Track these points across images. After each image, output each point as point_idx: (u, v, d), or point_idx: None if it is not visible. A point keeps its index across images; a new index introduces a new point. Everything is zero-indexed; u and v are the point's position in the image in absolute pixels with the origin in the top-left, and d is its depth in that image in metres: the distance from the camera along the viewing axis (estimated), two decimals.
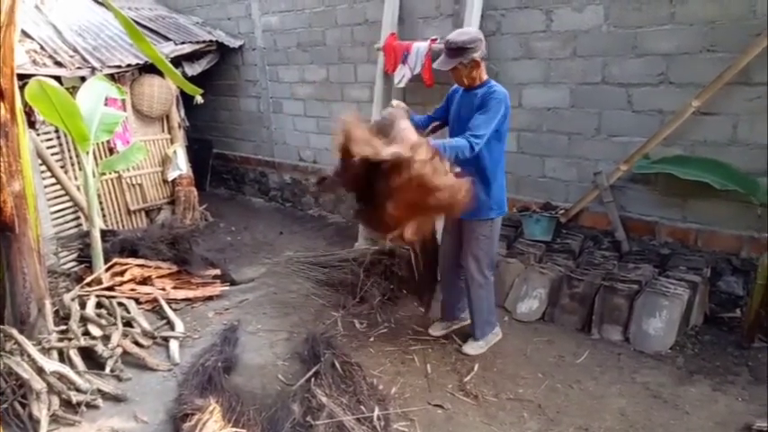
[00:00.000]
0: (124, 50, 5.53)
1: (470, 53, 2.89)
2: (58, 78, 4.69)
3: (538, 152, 4.26)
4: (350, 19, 5.37)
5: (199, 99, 5.21)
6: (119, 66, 5.29)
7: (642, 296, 3.37)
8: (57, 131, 4.89)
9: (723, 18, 3.27)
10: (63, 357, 3.15)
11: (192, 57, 6.25)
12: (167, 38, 6.06)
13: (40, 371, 2.87)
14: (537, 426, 2.76)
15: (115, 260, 4.17)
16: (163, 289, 4.10)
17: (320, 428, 2.54)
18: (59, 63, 4.92)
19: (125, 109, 5.33)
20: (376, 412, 2.69)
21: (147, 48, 3.81)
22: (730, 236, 3.50)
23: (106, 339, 3.35)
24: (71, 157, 5.03)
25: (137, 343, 3.45)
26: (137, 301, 3.89)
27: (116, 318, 3.57)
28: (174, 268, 4.34)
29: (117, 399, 2.98)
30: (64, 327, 3.39)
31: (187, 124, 6.34)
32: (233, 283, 4.46)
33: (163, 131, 5.98)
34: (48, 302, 3.37)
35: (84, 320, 3.50)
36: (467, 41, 2.90)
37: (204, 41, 6.34)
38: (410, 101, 4.50)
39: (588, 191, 4.00)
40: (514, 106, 4.15)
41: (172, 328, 3.67)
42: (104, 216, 5.37)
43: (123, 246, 4.35)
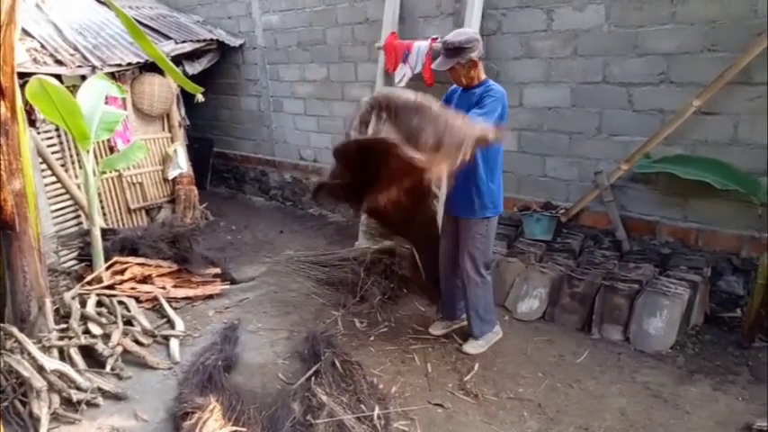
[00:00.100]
0: (125, 49, 5.54)
1: (468, 53, 2.92)
2: (59, 77, 4.69)
3: (538, 151, 4.26)
4: (350, 18, 5.37)
5: (199, 98, 5.20)
6: (119, 64, 5.29)
7: (643, 296, 3.37)
8: (57, 130, 4.90)
9: (724, 18, 3.26)
10: (63, 356, 3.15)
11: (193, 55, 6.25)
12: (168, 36, 6.06)
13: (41, 369, 2.88)
14: (537, 425, 2.76)
15: (115, 259, 4.17)
16: (163, 287, 4.11)
17: (320, 427, 2.53)
18: (60, 61, 4.92)
19: (125, 107, 5.34)
20: (376, 411, 2.69)
21: (148, 46, 3.81)
22: (731, 235, 3.50)
23: (106, 338, 3.35)
24: (71, 156, 5.03)
25: (137, 341, 3.45)
26: (137, 300, 3.89)
27: (116, 316, 3.57)
28: (175, 267, 4.34)
29: (117, 397, 2.98)
30: (64, 325, 3.39)
31: (187, 123, 6.34)
32: (233, 282, 4.47)
33: (163, 130, 5.99)
34: (48, 301, 3.37)
35: (84, 319, 3.50)
36: (464, 42, 2.92)
37: (205, 40, 6.33)
38: None
39: (589, 190, 4.00)
40: (515, 105, 4.16)
41: (172, 327, 3.67)
42: (105, 214, 5.38)
43: (123, 244, 4.35)
